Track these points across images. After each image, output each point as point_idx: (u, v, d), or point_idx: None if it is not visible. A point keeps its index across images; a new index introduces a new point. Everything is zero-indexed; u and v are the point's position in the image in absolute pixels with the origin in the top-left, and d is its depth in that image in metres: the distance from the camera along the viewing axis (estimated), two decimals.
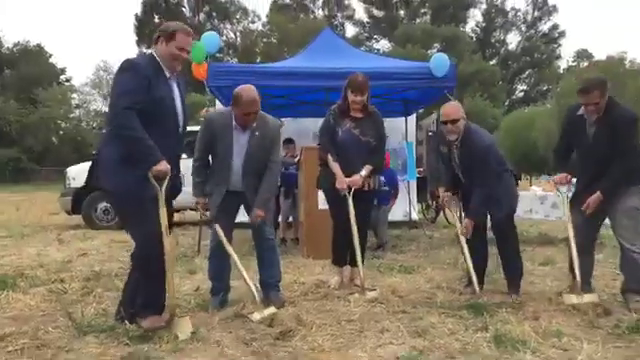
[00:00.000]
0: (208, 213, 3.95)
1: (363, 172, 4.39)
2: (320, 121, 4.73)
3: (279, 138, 3.97)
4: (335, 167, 4.40)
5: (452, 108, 4.25)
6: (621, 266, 4.04)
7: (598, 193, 3.83)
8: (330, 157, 4.44)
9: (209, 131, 3.87)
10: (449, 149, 4.29)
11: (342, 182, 4.34)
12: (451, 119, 4.13)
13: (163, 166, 3.12)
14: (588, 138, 3.96)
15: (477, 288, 4.12)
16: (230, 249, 3.80)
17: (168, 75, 3.30)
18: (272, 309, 3.58)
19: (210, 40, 6.74)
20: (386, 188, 7.00)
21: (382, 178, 6.92)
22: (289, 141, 7.45)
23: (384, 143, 4.61)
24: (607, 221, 4.10)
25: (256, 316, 3.52)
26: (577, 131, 4.06)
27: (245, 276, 3.74)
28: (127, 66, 3.18)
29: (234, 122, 3.81)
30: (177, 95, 3.37)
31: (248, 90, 3.77)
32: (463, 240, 4.24)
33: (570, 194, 4.14)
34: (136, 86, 3.10)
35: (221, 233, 3.82)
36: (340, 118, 4.47)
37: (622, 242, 3.90)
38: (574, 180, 4.19)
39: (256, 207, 3.83)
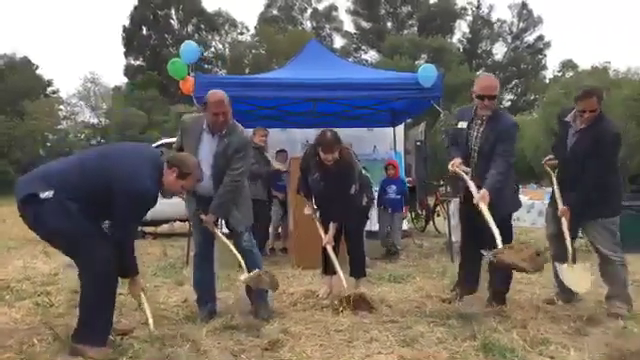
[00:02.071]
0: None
1: (331, 232, 4.53)
2: (308, 132, 4.76)
3: (245, 148, 3.87)
4: (307, 203, 4.76)
5: (493, 82, 3.99)
6: (601, 274, 4.10)
7: (566, 207, 3.97)
8: (304, 197, 4.76)
9: (181, 133, 3.97)
10: (469, 125, 4.06)
11: (309, 208, 4.72)
12: (492, 95, 3.91)
13: (138, 286, 3.39)
14: (566, 146, 4.06)
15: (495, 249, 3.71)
16: (218, 233, 3.93)
17: None
18: (257, 270, 3.75)
19: (188, 51, 6.63)
20: (398, 196, 7.08)
21: (394, 187, 7.04)
22: (282, 151, 7.52)
23: (346, 193, 4.48)
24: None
25: (244, 276, 3.68)
26: (560, 135, 4.16)
27: (231, 247, 3.87)
28: (150, 199, 3.21)
29: (205, 126, 3.85)
30: None
31: (216, 92, 3.83)
32: (485, 208, 3.72)
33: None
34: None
35: (212, 225, 3.86)
36: (311, 166, 4.52)
37: (601, 250, 3.98)
38: None
39: (209, 211, 3.79)
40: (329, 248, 4.48)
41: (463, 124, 4.10)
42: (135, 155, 3.30)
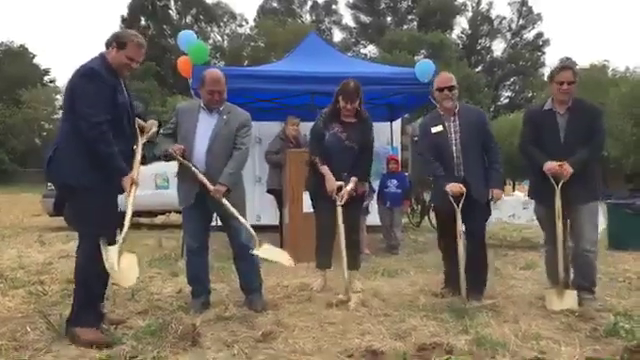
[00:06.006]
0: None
1: (350, 186, 4.32)
2: (306, 125, 4.74)
3: (249, 125, 3.97)
4: (324, 170, 4.40)
5: (448, 76, 4.32)
6: (573, 264, 4.15)
7: (568, 165, 3.92)
8: (318, 161, 4.45)
9: (176, 116, 4.00)
10: (444, 126, 4.19)
11: (332, 185, 4.33)
12: (449, 85, 4.20)
13: (128, 181, 3.23)
14: (558, 130, 4.05)
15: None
16: (227, 203, 3.76)
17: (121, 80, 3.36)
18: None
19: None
20: (399, 190, 7.06)
21: (395, 181, 7.01)
22: None
23: (370, 150, 4.59)
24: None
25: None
26: (547, 124, 4.10)
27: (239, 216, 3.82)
28: (91, 75, 3.15)
29: (201, 105, 3.94)
30: (127, 97, 3.41)
31: (212, 71, 3.99)
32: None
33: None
34: (105, 99, 3.16)
35: (222, 195, 3.75)
36: (329, 121, 4.48)
37: (580, 242, 4.02)
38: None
39: (220, 181, 3.74)
40: (342, 241, 4.23)
41: (437, 128, 4.22)
42: None
